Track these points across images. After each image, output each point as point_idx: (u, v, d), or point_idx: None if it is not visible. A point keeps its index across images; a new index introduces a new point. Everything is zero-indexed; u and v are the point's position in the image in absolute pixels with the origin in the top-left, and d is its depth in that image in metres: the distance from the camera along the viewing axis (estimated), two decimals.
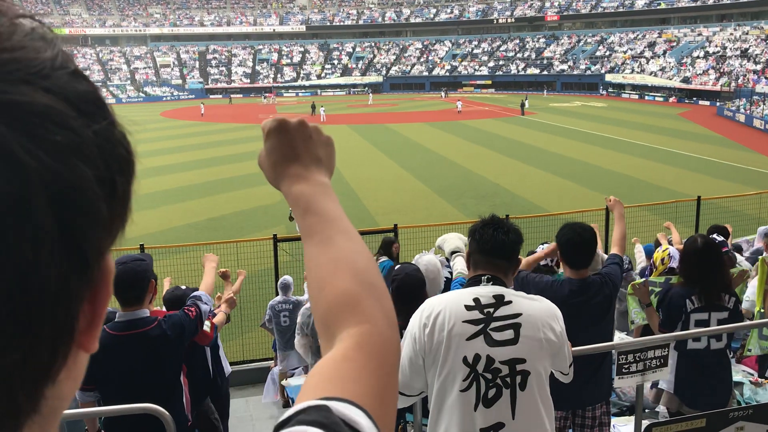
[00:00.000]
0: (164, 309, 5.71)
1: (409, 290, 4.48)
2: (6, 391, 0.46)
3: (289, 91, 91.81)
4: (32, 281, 0.45)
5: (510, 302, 2.82)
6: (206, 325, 5.10)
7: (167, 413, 3.63)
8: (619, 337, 6.25)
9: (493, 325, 2.76)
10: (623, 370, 3.93)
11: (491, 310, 2.79)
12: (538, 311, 2.85)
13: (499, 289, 2.88)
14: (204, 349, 6.02)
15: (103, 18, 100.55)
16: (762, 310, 5.88)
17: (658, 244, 7.86)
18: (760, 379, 5.64)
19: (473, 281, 2.98)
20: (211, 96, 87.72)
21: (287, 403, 8.86)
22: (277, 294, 10.08)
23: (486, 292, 2.86)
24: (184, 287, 6.79)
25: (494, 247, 2.99)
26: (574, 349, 3.25)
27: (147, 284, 4.20)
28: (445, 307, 2.83)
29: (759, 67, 62.77)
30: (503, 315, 2.78)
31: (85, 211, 0.47)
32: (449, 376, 2.77)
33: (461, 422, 2.72)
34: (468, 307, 2.80)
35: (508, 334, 2.75)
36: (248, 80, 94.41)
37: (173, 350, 4.31)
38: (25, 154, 0.44)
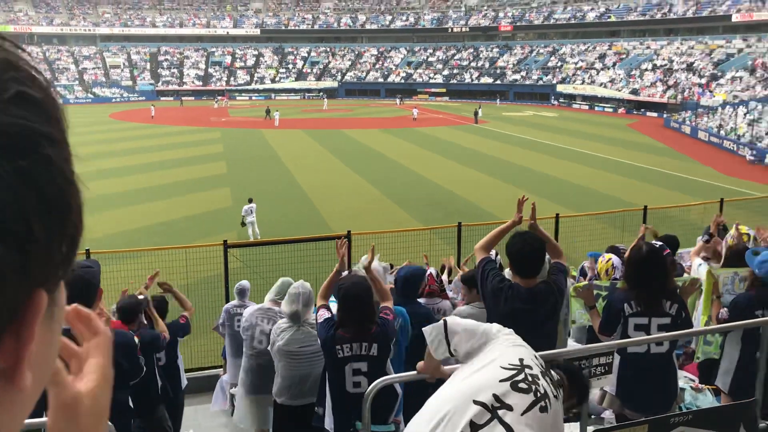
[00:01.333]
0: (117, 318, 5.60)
1: (354, 297, 4.49)
2: None
3: (243, 94, 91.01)
4: None
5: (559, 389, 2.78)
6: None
7: (110, 424, 3.53)
8: (569, 345, 6.35)
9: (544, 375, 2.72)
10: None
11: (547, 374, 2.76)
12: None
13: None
14: (153, 360, 5.95)
15: (51, 16, 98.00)
16: (708, 320, 6.03)
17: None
18: (700, 385, 5.79)
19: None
20: (162, 98, 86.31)
21: None
22: (227, 300, 9.97)
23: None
24: (141, 296, 6.66)
25: (574, 377, 3.28)
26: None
27: (95, 291, 4.11)
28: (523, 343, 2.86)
29: (704, 80, 64.79)
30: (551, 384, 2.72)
31: (19, 230, 0.45)
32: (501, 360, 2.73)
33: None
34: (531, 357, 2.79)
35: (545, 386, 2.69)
36: (201, 83, 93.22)
37: (114, 361, 4.21)
38: None
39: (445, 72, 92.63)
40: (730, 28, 73.12)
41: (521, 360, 2.70)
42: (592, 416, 5.40)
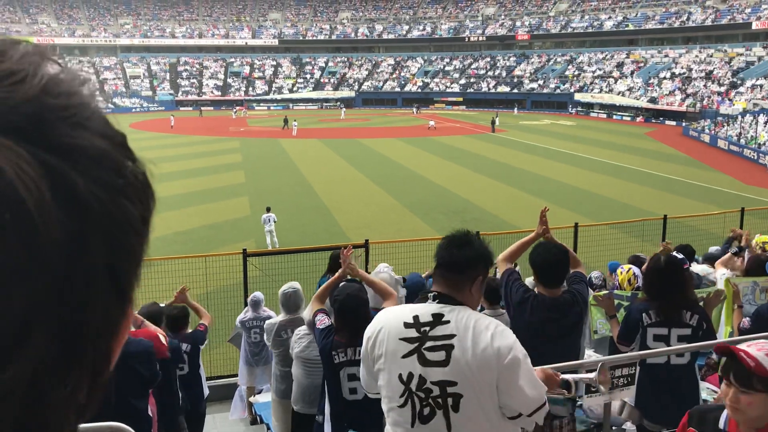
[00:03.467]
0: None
1: (350, 310, 4.55)
2: (56, 428, 0.47)
3: (261, 104, 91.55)
4: (83, 315, 0.46)
5: (447, 322, 2.76)
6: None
7: (132, 430, 3.55)
8: (588, 355, 6.30)
9: (428, 344, 2.73)
10: (592, 389, 3.96)
11: (427, 329, 2.75)
12: (480, 338, 2.71)
13: (440, 308, 2.82)
14: (174, 371, 6.02)
15: (73, 27, 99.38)
16: (732, 331, 5.96)
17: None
18: None
19: (423, 297, 2.95)
20: (181, 108, 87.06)
21: (255, 420, 8.75)
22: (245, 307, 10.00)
23: (427, 310, 2.82)
24: (162, 304, 6.71)
25: (447, 262, 2.94)
26: (540, 367, 3.15)
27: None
28: (386, 324, 2.86)
29: (723, 89, 64.24)
30: (437, 335, 2.74)
31: (128, 248, 0.50)
32: (389, 389, 2.78)
33: None
34: (406, 325, 2.79)
35: (440, 355, 2.70)
36: (219, 93, 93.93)
37: (134, 370, 4.27)
38: (88, 195, 0.46)
39: (462, 81, 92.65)
40: (750, 35, 72.52)
41: (400, 376, 2.77)
42: (614, 428, 5.36)
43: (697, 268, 7.90)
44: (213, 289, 12.03)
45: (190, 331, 6.98)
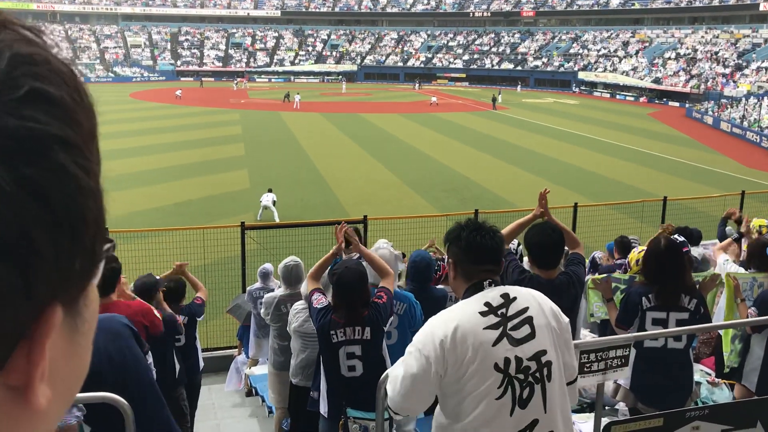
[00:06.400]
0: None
1: (348, 284, 4.51)
2: None
3: (262, 76, 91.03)
4: None
5: (515, 298, 2.83)
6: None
7: (125, 402, 3.56)
8: (583, 335, 6.32)
9: (510, 324, 2.75)
10: (585, 369, 3.96)
11: (504, 310, 2.77)
12: (541, 300, 2.91)
13: (502, 289, 2.88)
14: (171, 343, 6.04)
15: None
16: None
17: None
18: (717, 379, 5.75)
19: (475, 288, 2.89)
20: (182, 78, 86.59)
21: (251, 392, 8.80)
22: (243, 281, 10.04)
23: (493, 294, 2.83)
24: (158, 277, 6.71)
25: (485, 256, 2.94)
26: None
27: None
28: (459, 321, 2.74)
29: (728, 70, 63.83)
30: (515, 312, 2.78)
31: (25, 247, 0.43)
32: (480, 386, 2.67)
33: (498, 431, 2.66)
34: (482, 313, 2.75)
35: (525, 329, 2.74)
36: (221, 64, 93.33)
37: (121, 341, 4.27)
38: None
39: (465, 57, 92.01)
40: (757, 17, 71.88)
41: (496, 365, 2.69)
42: (606, 408, 5.39)
43: (695, 251, 7.90)
44: (210, 261, 12.03)
45: (187, 303, 6.99)
